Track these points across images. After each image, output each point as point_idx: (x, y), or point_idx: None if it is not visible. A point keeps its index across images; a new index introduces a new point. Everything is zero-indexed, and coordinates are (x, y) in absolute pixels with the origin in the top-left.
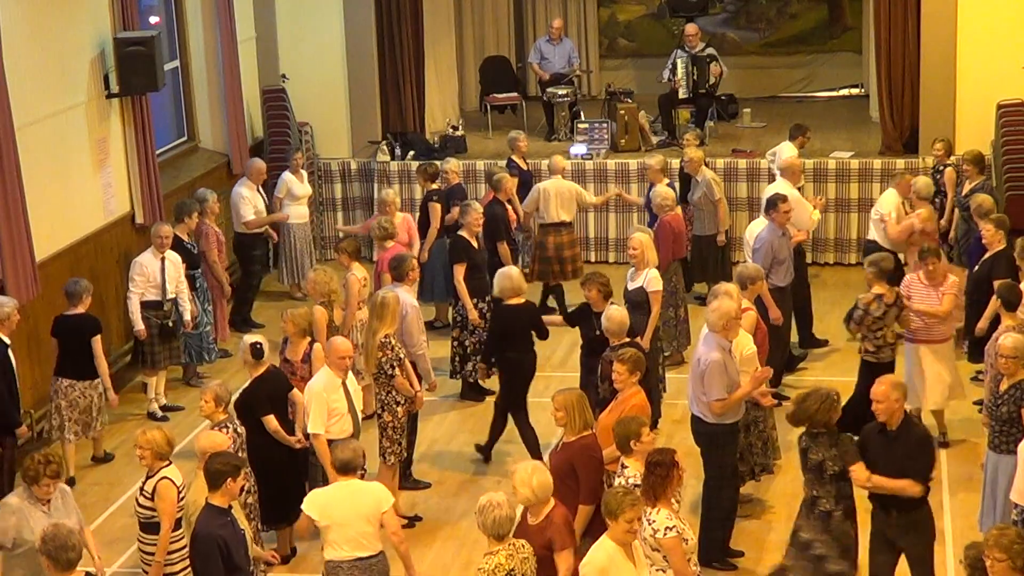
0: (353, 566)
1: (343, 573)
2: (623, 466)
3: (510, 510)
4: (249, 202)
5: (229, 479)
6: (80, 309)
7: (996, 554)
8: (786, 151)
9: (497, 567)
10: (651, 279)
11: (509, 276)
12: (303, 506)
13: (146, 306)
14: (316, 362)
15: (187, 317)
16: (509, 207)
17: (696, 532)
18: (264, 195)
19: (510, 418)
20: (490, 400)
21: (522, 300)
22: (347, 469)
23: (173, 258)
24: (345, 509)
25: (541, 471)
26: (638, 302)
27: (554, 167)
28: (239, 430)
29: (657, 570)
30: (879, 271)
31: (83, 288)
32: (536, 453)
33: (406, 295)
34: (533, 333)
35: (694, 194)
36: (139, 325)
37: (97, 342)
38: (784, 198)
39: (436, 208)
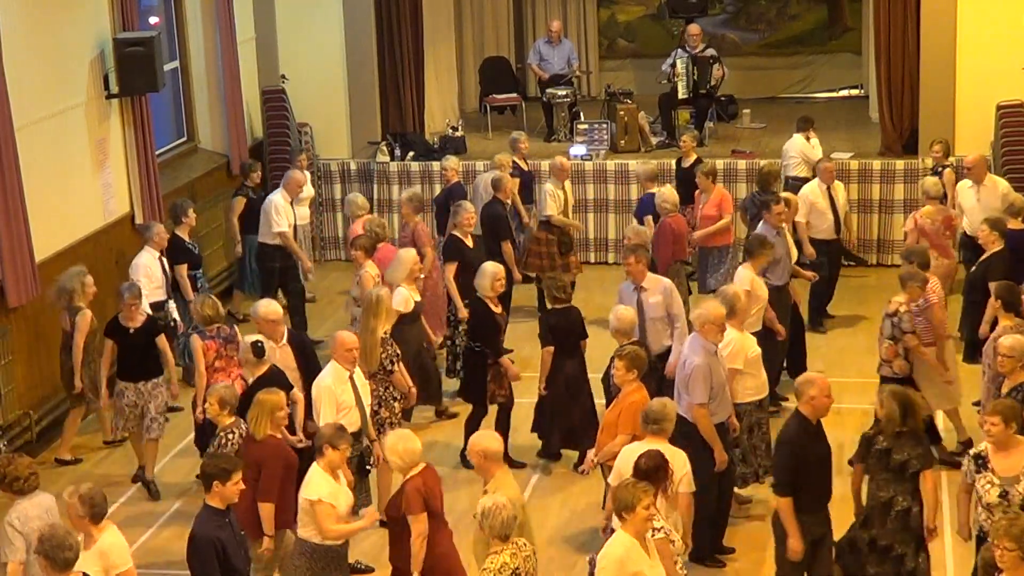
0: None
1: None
2: None
3: (514, 509)
4: (283, 212)
5: (216, 482)
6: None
7: (1006, 543)
8: (797, 143)
9: (503, 566)
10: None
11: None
12: None
13: (151, 307)
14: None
15: (177, 317)
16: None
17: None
18: (295, 210)
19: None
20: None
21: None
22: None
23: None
24: None
25: (407, 439)
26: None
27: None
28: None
29: None
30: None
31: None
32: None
33: None
34: None
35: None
36: None
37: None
38: (777, 200)
39: (240, 202)
